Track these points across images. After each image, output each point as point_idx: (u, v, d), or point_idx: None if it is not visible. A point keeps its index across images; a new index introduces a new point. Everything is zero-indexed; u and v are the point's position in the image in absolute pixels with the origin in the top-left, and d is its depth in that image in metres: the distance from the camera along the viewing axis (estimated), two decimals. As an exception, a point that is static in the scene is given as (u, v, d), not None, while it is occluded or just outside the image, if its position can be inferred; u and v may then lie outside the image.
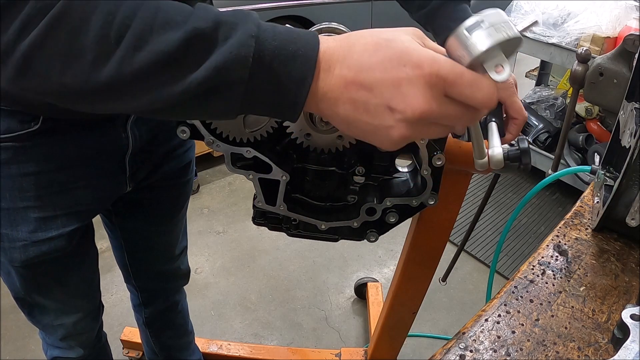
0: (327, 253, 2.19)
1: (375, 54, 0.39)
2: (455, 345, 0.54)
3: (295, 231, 0.77)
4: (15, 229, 0.75)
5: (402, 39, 0.40)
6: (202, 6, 0.41)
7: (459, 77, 0.39)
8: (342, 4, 3.31)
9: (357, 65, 0.39)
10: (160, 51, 0.38)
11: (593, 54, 0.92)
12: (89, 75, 0.39)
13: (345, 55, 0.40)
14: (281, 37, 0.40)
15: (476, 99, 0.39)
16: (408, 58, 0.38)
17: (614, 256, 0.71)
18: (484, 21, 0.38)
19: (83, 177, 0.76)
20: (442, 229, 0.92)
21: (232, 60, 0.38)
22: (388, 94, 0.39)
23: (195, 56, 0.38)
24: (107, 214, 1.02)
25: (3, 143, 0.68)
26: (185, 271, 1.22)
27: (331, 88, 0.40)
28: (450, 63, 0.39)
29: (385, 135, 0.41)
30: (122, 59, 0.38)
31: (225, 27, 0.39)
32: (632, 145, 0.64)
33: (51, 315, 0.92)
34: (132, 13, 0.38)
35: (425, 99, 0.38)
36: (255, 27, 0.39)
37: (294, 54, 0.39)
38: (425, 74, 0.38)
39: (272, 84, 0.40)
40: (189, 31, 0.38)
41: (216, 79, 0.39)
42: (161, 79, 0.39)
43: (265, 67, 0.39)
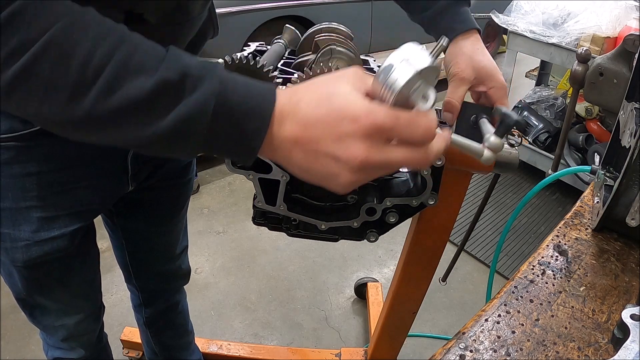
0: (327, 253, 2.19)
1: (317, 109, 0.43)
2: (455, 345, 0.54)
3: (295, 231, 0.77)
4: (17, 228, 0.75)
5: (341, 93, 0.43)
6: (173, 53, 0.44)
7: (396, 121, 0.42)
8: (342, 4, 3.31)
9: (303, 121, 0.44)
10: (131, 97, 0.42)
11: (593, 54, 0.92)
12: (65, 110, 0.42)
13: (294, 110, 0.44)
14: (241, 93, 0.44)
15: (416, 136, 0.44)
16: (346, 113, 0.42)
17: (614, 256, 0.71)
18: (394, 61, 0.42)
19: (85, 177, 0.76)
20: (442, 229, 0.92)
21: (195, 114, 0.43)
22: (332, 147, 0.43)
23: (163, 106, 0.43)
24: (109, 214, 1.02)
25: (5, 143, 0.68)
26: (185, 271, 1.22)
27: (284, 141, 0.45)
28: (384, 111, 0.42)
29: (335, 181, 0.45)
30: (96, 100, 0.42)
31: (191, 79, 0.43)
32: (632, 145, 0.64)
33: (52, 316, 0.92)
34: (109, 55, 0.42)
35: (365, 148, 0.42)
36: (218, 84, 0.43)
37: (251, 110, 0.44)
38: (362, 126, 0.42)
39: (229, 135, 0.44)
40: (159, 81, 0.42)
41: (180, 129, 0.43)
42: (131, 122, 0.43)
43: (224, 121, 0.44)
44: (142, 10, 0.59)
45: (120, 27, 0.45)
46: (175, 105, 0.43)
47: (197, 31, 0.74)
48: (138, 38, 0.45)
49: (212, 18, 0.79)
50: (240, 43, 2.63)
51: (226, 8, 2.60)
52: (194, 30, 0.72)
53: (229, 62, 0.58)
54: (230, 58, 0.58)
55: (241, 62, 0.58)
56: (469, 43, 0.78)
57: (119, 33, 0.44)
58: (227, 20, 2.59)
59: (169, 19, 0.63)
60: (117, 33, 0.44)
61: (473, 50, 0.77)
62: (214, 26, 0.81)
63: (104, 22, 0.44)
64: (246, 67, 0.59)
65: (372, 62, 0.91)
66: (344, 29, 0.78)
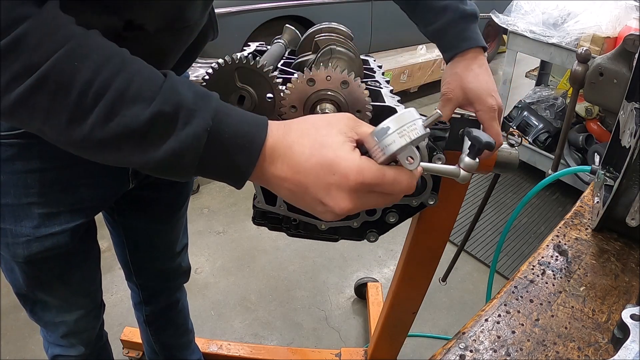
0: (327, 253, 2.19)
1: (310, 159, 0.47)
2: (455, 345, 0.54)
3: (295, 231, 0.77)
4: (19, 224, 0.75)
5: (333, 145, 0.47)
6: (170, 83, 0.46)
7: (381, 180, 0.47)
8: (342, 4, 3.31)
9: (294, 166, 0.47)
10: (127, 126, 0.44)
11: (593, 54, 0.92)
12: (64, 133, 0.45)
13: (286, 153, 0.47)
14: (232, 128, 0.46)
15: (397, 191, 0.48)
16: (337, 168, 0.46)
17: (614, 256, 0.71)
18: (392, 125, 0.46)
19: (86, 174, 0.77)
20: (442, 229, 0.93)
21: (187, 148, 0.45)
22: (320, 194, 0.47)
23: (157, 136, 0.45)
24: (109, 212, 1.03)
25: (9, 140, 0.69)
26: (186, 269, 1.23)
27: (273, 177, 0.48)
28: (372, 170, 0.46)
29: (320, 215, 0.50)
30: (93, 126, 0.44)
31: (185, 113, 0.45)
32: (632, 145, 0.64)
33: (53, 312, 0.92)
34: (108, 83, 0.44)
35: (350, 200, 0.47)
36: (210, 120, 0.46)
37: (241, 147, 0.46)
38: (351, 183, 0.46)
39: (219, 166, 0.47)
40: (154, 113, 0.44)
41: (172, 160, 0.46)
42: (126, 149, 0.46)
43: (215, 154, 0.46)
44: (142, 21, 0.59)
45: (120, 53, 0.47)
46: (168, 137, 0.45)
47: (196, 35, 0.74)
48: (137, 65, 0.47)
49: (212, 21, 0.79)
50: (240, 43, 2.63)
51: (226, 8, 2.59)
52: (193, 36, 0.73)
53: (228, 62, 0.58)
54: (230, 58, 0.58)
55: (241, 62, 0.58)
56: (463, 63, 0.79)
57: (119, 59, 0.46)
58: (227, 20, 2.59)
59: (168, 26, 0.64)
60: (117, 60, 0.45)
61: (465, 71, 0.78)
62: (214, 29, 0.81)
63: (105, 47, 0.46)
64: (246, 67, 0.59)
65: (372, 62, 0.91)
66: (344, 29, 0.78)
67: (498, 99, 0.78)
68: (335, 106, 0.60)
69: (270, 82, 0.59)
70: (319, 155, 0.46)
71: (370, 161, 0.47)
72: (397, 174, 0.47)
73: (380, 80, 0.79)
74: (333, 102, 0.60)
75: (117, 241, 1.10)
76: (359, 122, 0.50)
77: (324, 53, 0.68)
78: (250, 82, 0.60)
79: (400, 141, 0.45)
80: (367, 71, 0.84)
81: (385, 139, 0.46)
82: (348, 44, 0.71)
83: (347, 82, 0.59)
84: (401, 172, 0.48)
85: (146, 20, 0.59)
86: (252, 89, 0.60)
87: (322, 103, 0.60)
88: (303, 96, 0.60)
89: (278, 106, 0.61)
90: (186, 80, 0.49)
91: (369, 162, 0.47)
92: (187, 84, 0.48)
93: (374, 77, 0.81)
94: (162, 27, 0.62)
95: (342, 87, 0.59)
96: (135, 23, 0.59)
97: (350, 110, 0.60)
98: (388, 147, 0.46)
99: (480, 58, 0.79)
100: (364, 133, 0.49)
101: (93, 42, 0.45)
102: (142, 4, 0.58)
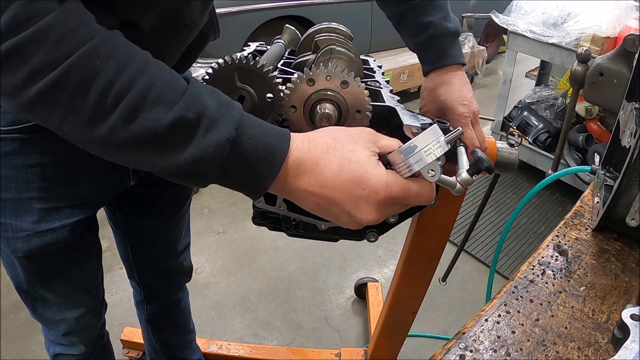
0: (327, 253, 2.19)
1: (339, 174, 0.48)
2: (455, 345, 0.54)
3: (295, 231, 0.77)
4: (19, 219, 0.75)
5: (361, 161, 0.49)
6: (194, 89, 0.46)
7: (407, 194, 0.50)
8: (342, 4, 3.31)
9: (322, 181, 0.48)
10: (147, 128, 0.44)
11: (593, 54, 0.92)
12: (84, 131, 0.44)
13: (313, 168, 0.48)
14: (255, 140, 0.47)
15: (419, 202, 0.52)
16: (367, 183, 0.48)
17: (614, 256, 0.71)
18: (418, 144, 0.49)
19: (87, 170, 0.77)
20: (442, 229, 0.93)
21: (208, 157, 0.45)
22: (348, 207, 0.49)
23: (177, 142, 0.45)
24: (112, 209, 1.03)
25: (9, 134, 0.69)
26: (188, 268, 1.22)
27: (298, 190, 0.50)
28: (399, 185, 0.49)
29: (344, 224, 0.52)
30: (114, 126, 0.44)
31: (208, 121, 0.45)
32: (632, 145, 0.64)
33: (53, 309, 0.92)
34: (130, 84, 0.43)
35: (377, 212, 0.50)
36: (233, 130, 0.46)
37: (263, 158, 0.47)
38: (380, 197, 0.49)
39: (239, 177, 0.48)
40: (176, 118, 0.44)
41: (192, 168, 0.46)
42: (145, 153, 0.45)
43: (236, 165, 0.47)
44: (139, 20, 0.59)
45: (143, 55, 0.46)
46: (189, 144, 0.45)
47: (196, 35, 0.74)
48: (159, 67, 0.46)
49: (213, 21, 0.78)
50: (240, 43, 2.63)
51: (226, 8, 2.59)
52: (192, 36, 0.72)
53: (228, 62, 0.58)
54: (230, 58, 0.58)
55: (241, 62, 0.58)
56: (438, 78, 0.84)
57: (142, 61, 0.45)
58: (227, 20, 2.59)
59: (165, 25, 0.64)
60: (140, 61, 0.45)
61: (439, 84, 0.83)
62: (215, 29, 0.81)
63: (127, 48, 0.46)
64: (245, 67, 0.59)
65: (372, 62, 0.91)
66: (344, 29, 0.78)
67: (472, 106, 0.80)
68: (335, 106, 0.60)
69: (270, 82, 0.59)
70: (348, 171, 0.48)
71: (396, 176, 0.50)
72: (421, 188, 0.50)
73: (380, 80, 0.79)
74: (333, 102, 0.60)
75: (119, 239, 1.10)
76: (379, 136, 0.52)
77: (324, 53, 0.68)
78: (250, 82, 0.59)
79: (426, 159, 0.49)
80: (367, 71, 0.84)
81: (412, 157, 0.49)
82: (348, 44, 0.71)
83: (347, 82, 0.59)
84: (424, 186, 0.51)
85: (143, 19, 0.59)
86: (251, 89, 0.60)
87: (322, 103, 0.59)
88: (303, 96, 0.60)
89: (278, 106, 0.61)
90: (209, 87, 0.49)
91: (395, 177, 0.49)
92: (210, 91, 0.48)
93: (374, 77, 0.81)
94: (159, 26, 0.62)
95: (341, 87, 0.59)
96: (132, 22, 0.58)
97: (350, 110, 0.60)
98: (414, 165, 0.49)
99: (456, 70, 0.84)
100: (384, 146, 0.52)
101: (116, 42, 0.45)
102: (138, 2, 0.58)
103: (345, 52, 0.69)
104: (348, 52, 0.69)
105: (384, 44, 3.75)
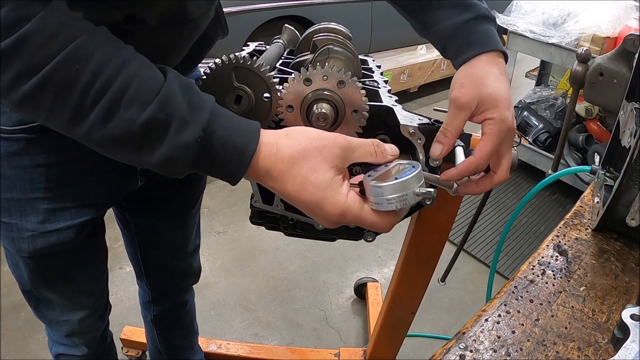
0: (327, 253, 2.18)
1: (299, 192, 0.51)
2: (455, 345, 0.54)
3: (292, 231, 0.76)
4: (24, 219, 0.75)
5: (322, 184, 0.50)
6: (167, 90, 0.48)
7: (361, 222, 0.53)
8: (342, 4, 3.31)
9: (285, 193, 0.52)
10: (123, 129, 0.47)
11: (593, 54, 0.92)
12: (66, 129, 0.48)
13: (277, 179, 0.51)
14: (223, 140, 0.49)
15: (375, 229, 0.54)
16: (322, 207, 0.51)
17: (614, 256, 0.71)
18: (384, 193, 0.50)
19: (93, 170, 0.76)
20: (441, 229, 0.92)
21: (178, 157, 0.48)
22: (309, 214, 0.53)
23: (150, 142, 0.48)
24: (121, 210, 1.02)
25: (15, 134, 0.68)
26: (197, 269, 1.21)
27: (272, 188, 0.53)
28: (354, 214, 0.51)
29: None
30: (92, 126, 0.47)
31: (178, 122, 0.48)
32: (632, 145, 0.64)
33: (57, 311, 0.91)
34: (107, 85, 0.46)
35: (335, 224, 0.53)
36: (201, 131, 0.48)
37: (231, 157, 0.50)
38: (334, 220, 0.52)
39: (212, 172, 0.51)
40: (148, 119, 0.47)
41: (165, 165, 0.49)
42: (122, 151, 0.49)
43: (206, 163, 0.50)
44: (143, 15, 0.59)
45: (123, 52, 0.48)
46: (161, 144, 0.48)
47: (202, 32, 0.73)
48: (138, 65, 0.48)
49: (219, 19, 0.77)
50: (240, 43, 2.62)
51: (226, 8, 2.58)
52: (197, 32, 0.71)
53: (226, 61, 0.58)
54: (227, 58, 0.58)
55: (238, 62, 0.58)
56: (482, 65, 0.64)
57: (120, 60, 0.47)
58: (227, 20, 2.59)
59: (169, 20, 0.63)
60: (118, 61, 0.47)
61: (486, 74, 0.63)
62: (223, 27, 0.80)
63: (107, 46, 0.47)
64: (243, 66, 0.58)
65: (370, 62, 0.91)
66: (342, 28, 0.78)
67: (514, 120, 0.62)
68: (332, 106, 0.60)
69: (267, 82, 0.59)
70: (308, 193, 0.50)
71: (355, 203, 0.51)
72: (376, 222, 0.52)
73: (378, 80, 0.79)
74: (329, 102, 0.59)
75: (128, 239, 1.09)
76: (352, 148, 0.52)
77: (322, 53, 0.68)
78: (247, 82, 0.59)
79: (387, 207, 0.50)
80: (366, 71, 0.83)
81: (377, 198, 0.50)
82: (346, 43, 0.71)
83: (344, 81, 0.58)
84: (383, 220, 0.53)
85: (147, 13, 0.59)
86: (249, 89, 0.60)
87: (319, 103, 0.59)
88: (300, 96, 0.59)
89: (275, 106, 0.60)
90: (185, 85, 0.50)
91: (353, 205, 0.51)
92: (185, 89, 0.49)
93: (372, 77, 0.81)
94: (163, 21, 0.62)
95: (338, 87, 0.59)
96: (136, 17, 0.58)
97: (347, 110, 0.60)
98: (377, 205, 0.51)
99: (502, 63, 0.66)
100: (359, 157, 0.53)
101: (96, 42, 0.46)
102: None
103: (342, 52, 0.69)
104: (346, 51, 0.69)
105: (384, 44, 3.74)
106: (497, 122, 0.60)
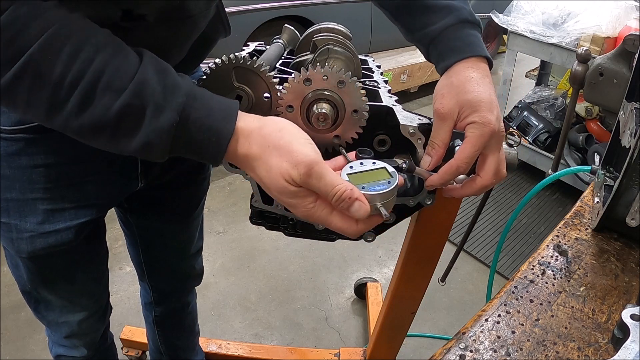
0: (327, 253, 2.18)
1: (271, 183, 0.51)
2: (455, 345, 0.54)
3: (292, 230, 0.76)
4: (23, 219, 0.75)
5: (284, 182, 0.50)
6: (142, 75, 0.48)
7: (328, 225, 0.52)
8: (342, 4, 3.31)
9: (260, 180, 0.52)
10: (98, 117, 0.47)
11: (593, 54, 0.92)
12: (45, 120, 0.49)
13: (254, 166, 0.52)
14: (200, 122, 0.49)
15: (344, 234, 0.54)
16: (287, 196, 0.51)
17: (614, 256, 0.71)
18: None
19: (93, 171, 0.76)
20: (440, 229, 0.92)
21: (156, 142, 0.49)
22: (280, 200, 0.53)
23: (127, 129, 0.48)
24: (123, 211, 1.01)
25: (14, 134, 0.68)
26: (199, 271, 1.21)
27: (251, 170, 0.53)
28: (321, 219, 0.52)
29: None
30: (68, 117, 0.47)
31: (153, 107, 0.48)
32: (632, 145, 0.64)
33: (56, 312, 0.91)
34: (80, 74, 0.46)
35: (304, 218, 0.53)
36: (177, 115, 0.48)
37: (208, 140, 0.50)
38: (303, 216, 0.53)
39: (192, 154, 0.51)
40: (124, 105, 0.47)
41: (143, 151, 0.49)
42: (100, 139, 0.49)
43: (183, 146, 0.50)
44: (140, 10, 0.58)
45: (96, 39, 0.47)
46: (138, 131, 0.48)
47: (203, 31, 0.72)
48: (111, 51, 0.48)
49: (221, 17, 0.76)
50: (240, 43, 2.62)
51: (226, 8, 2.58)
52: (196, 29, 0.70)
53: (225, 61, 0.58)
54: (227, 58, 0.58)
55: (238, 62, 0.58)
56: (463, 72, 0.62)
57: (93, 48, 0.47)
58: (227, 20, 2.59)
59: (168, 16, 0.63)
60: (91, 49, 0.46)
61: (465, 80, 0.61)
62: (225, 26, 0.78)
63: (80, 35, 0.47)
64: (243, 66, 0.58)
65: (370, 62, 0.91)
66: (342, 28, 0.78)
67: (500, 122, 0.60)
68: (332, 106, 0.60)
69: (267, 82, 0.59)
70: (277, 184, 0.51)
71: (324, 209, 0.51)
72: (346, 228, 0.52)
73: (378, 80, 0.79)
74: (329, 102, 0.59)
75: (130, 241, 1.09)
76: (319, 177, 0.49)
77: (321, 53, 0.68)
78: (247, 81, 0.59)
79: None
80: (366, 71, 0.83)
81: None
82: (346, 43, 0.71)
83: (344, 81, 0.58)
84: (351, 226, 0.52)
85: (144, 9, 0.58)
86: (249, 89, 0.60)
87: (319, 103, 0.59)
88: (300, 96, 0.59)
89: (275, 106, 0.60)
90: (161, 68, 0.50)
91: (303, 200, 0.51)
92: (160, 72, 0.49)
93: (372, 77, 0.81)
94: (161, 17, 0.61)
95: (338, 87, 0.59)
96: (133, 13, 0.58)
97: (347, 110, 0.60)
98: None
99: (484, 67, 0.64)
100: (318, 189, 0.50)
101: (68, 31, 0.46)
102: None
103: (342, 51, 0.69)
104: (345, 51, 0.69)
105: (384, 44, 3.75)
106: (479, 126, 0.59)
